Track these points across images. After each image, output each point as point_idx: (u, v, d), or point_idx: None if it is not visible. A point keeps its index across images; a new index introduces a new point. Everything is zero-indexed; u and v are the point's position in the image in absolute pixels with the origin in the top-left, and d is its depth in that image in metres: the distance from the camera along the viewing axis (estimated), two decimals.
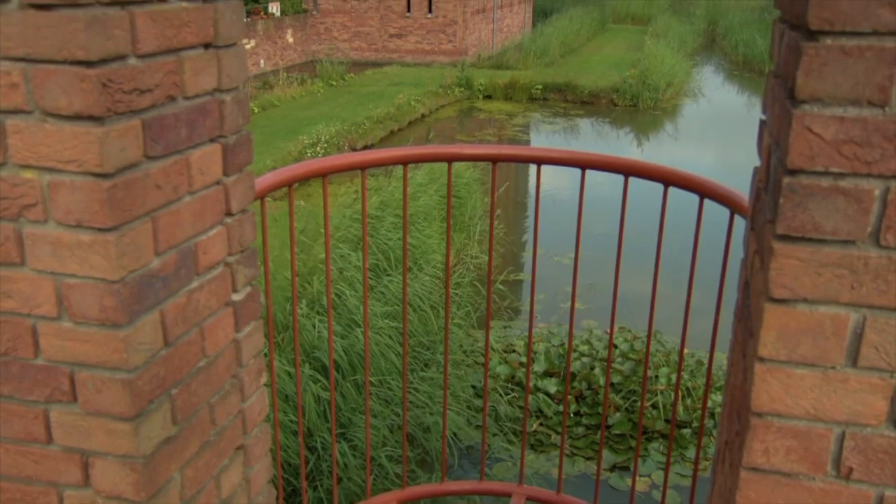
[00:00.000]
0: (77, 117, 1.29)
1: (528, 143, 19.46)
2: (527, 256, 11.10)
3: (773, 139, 1.17)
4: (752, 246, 1.33)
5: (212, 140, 1.60)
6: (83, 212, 1.34)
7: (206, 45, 1.55)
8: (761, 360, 1.13)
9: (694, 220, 2.09)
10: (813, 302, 1.09)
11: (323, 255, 7.79)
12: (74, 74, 1.26)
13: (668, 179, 2.06)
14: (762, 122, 1.34)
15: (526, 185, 15.09)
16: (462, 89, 23.24)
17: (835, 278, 1.07)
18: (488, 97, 23.43)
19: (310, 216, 9.34)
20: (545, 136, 19.98)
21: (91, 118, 1.29)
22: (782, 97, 1.11)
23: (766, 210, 1.18)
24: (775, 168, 1.13)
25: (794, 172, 1.05)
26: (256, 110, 19.02)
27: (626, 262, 2.53)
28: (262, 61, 27.45)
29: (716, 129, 21.76)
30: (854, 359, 1.10)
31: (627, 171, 2.12)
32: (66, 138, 1.31)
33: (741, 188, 1.93)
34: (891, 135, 1.00)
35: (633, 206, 2.18)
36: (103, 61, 1.28)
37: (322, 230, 8.59)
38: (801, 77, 1.01)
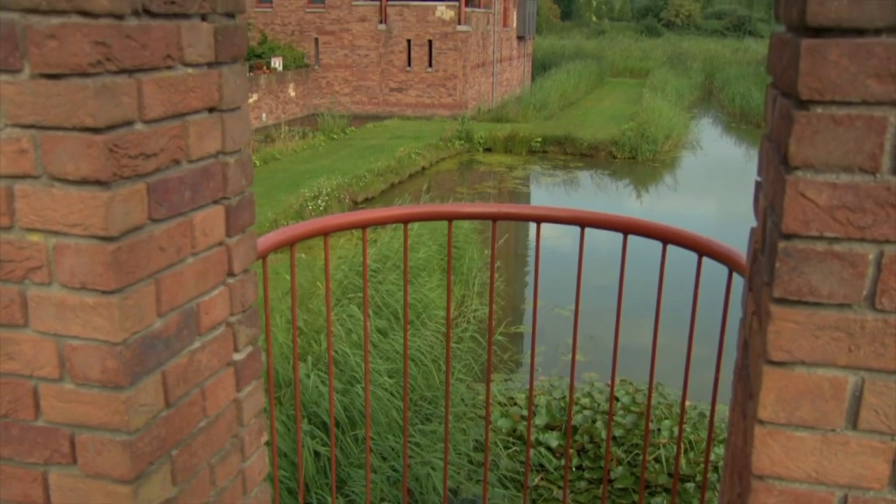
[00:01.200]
0: (84, 182, 1.31)
1: (528, 195, 19.58)
2: (527, 307, 11.09)
3: (769, 202, 1.19)
4: (750, 307, 1.34)
5: (215, 202, 1.62)
6: (87, 274, 1.36)
7: (211, 109, 1.58)
8: (761, 422, 1.13)
9: (693, 274, 2.10)
10: (811, 365, 1.10)
11: (325, 315, 7.78)
12: (82, 141, 1.29)
13: (666, 237, 2.08)
14: (758, 184, 1.36)
15: (526, 237, 15.13)
16: (462, 142, 23.46)
17: (832, 341, 1.08)
18: (488, 150, 23.65)
19: (309, 268, 9.36)
20: (545, 189, 20.12)
21: (97, 183, 1.31)
22: (776, 162, 1.13)
23: (763, 272, 1.20)
24: (771, 231, 1.14)
25: (789, 237, 1.06)
26: (258, 163, 19.19)
27: (627, 313, 2.54)
28: (264, 115, 27.76)
29: (715, 181, 21.90)
30: (854, 421, 1.10)
31: (626, 229, 2.14)
32: (72, 202, 1.33)
33: (741, 240, 1.95)
34: (882, 201, 1.02)
35: (633, 257, 2.20)
36: (110, 127, 1.31)
37: (322, 284, 8.60)
38: (793, 144, 1.03)
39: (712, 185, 21.55)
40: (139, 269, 1.41)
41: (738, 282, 1.98)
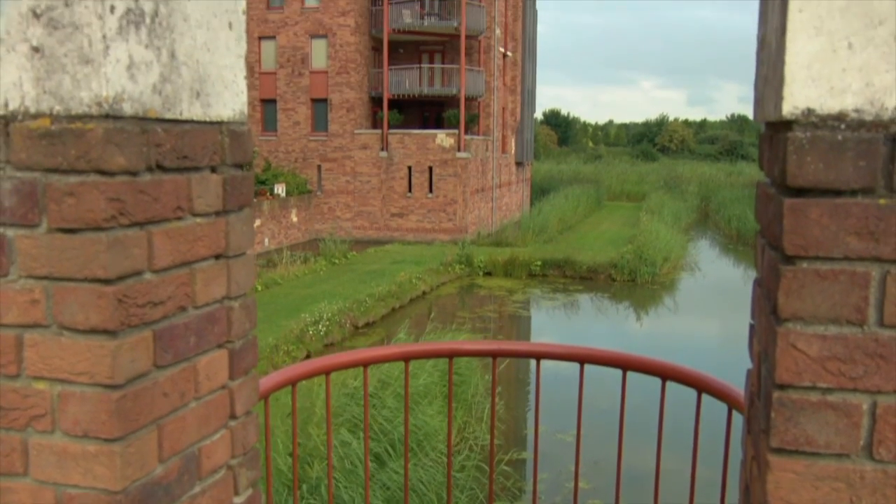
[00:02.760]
0: (92, 331, 1.34)
1: (528, 319, 19.58)
2: (529, 433, 10.92)
3: (762, 348, 1.22)
4: (749, 450, 1.35)
5: (219, 346, 1.64)
6: (90, 422, 1.37)
7: (218, 256, 1.63)
8: None
9: (693, 407, 2.10)
10: None
11: (322, 440, 7.67)
12: (93, 291, 1.33)
13: (665, 374, 2.09)
14: (752, 327, 1.39)
15: (527, 361, 15.05)
16: (462, 266, 23.68)
17: (833, 492, 1.09)
18: (488, 274, 23.83)
19: (306, 392, 9.27)
20: (545, 312, 20.15)
21: (105, 332, 1.34)
22: (767, 310, 1.17)
23: (759, 418, 1.21)
24: (765, 379, 1.16)
25: (783, 387, 1.09)
26: (260, 288, 19.29)
27: (631, 437, 2.52)
28: (266, 240, 28.13)
29: (714, 303, 21.97)
30: None
31: (625, 365, 2.15)
32: (79, 351, 1.35)
33: (742, 364, 1.96)
34: (871, 352, 1.05)
35: (633, 383, 2.21)
36: (121, 278, 1.35)
37: (316, 407, 8.50)
38: (781, 297, 1.07)
39: (712, 306, 21.61)
40: (142, 416, 1.42)
41: (739, 418, 1.97)
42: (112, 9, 1.29)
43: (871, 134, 1.02)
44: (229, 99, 1.63)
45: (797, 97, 1.04)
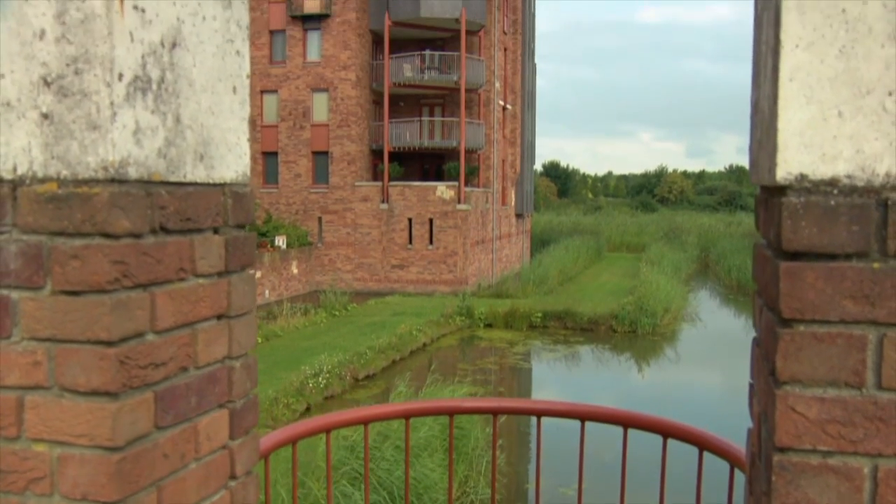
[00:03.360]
0: (93, 393, 1.35)
1: (529, 370, 19.48)
2: (531, 487, 10.79)
3: (762, 409, 1.22)
4: None
5: (220, 406, 1.64)
6: (89, 485, 1.36)
7: (220, 317, 1.64)
8: None
9: (695, 464, 2.09)
10: None
11: (322, 494, 7.58)
12: (95, 353, 1.33)
13: (666, 432, 2.08)
14: (751, 386, 1.39)
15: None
16: (463, 318, 23.62)
17: None
18: (489, 325, 23.76)
19: (309, 446, 9.18)
20: (546, 364, 20.05)
21: (107, 394, 1.34)
22: (765, 372, 1.17)
23: (761, 480, 1.21)
24: (766, 441, 1.16)
25: (783, 450, 1.09)
26: (260, 340, 19.23)
27: (632, 491, 2.49)
28: (266, 292, 28.13)
29: (716, 353, 21.88)
30: None
31: (626, 422, 2.15)
32: (80, 413, 1.35)
33: (744, 418, 1.95)
34: (871, 415, 1.05)
35: (635, 435, 2.19)
36: (123, 340, 1.35)
37: (313, 458, 8.42)
38: (779, 360, 1.08)
39: (714, 357, 21.51)
40: (142, 478, 1.42)
41: (741, 476, 1.96)
42: (120, 76, 1.32)
43: (863, 199, 1.04)
44: (232, 161, 1.66)
45: (790, 163, 1.06)
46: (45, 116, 1.33)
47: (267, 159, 33.70)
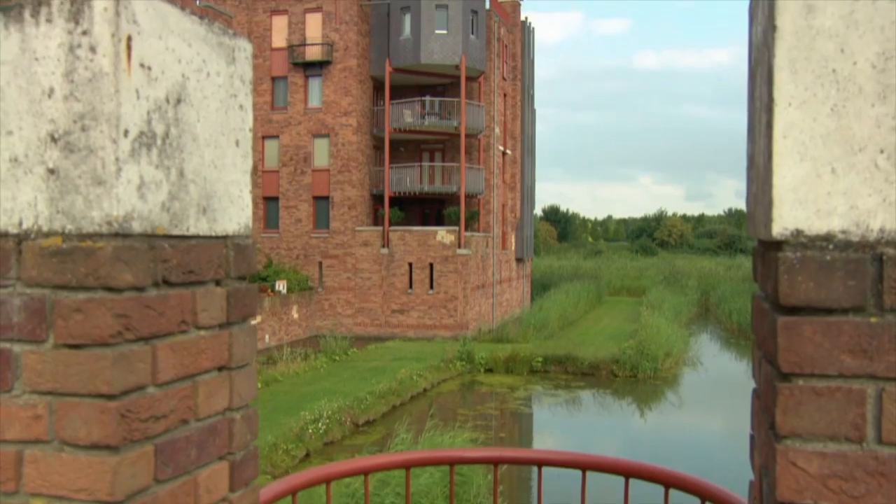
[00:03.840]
0: (93, 447, 1.34)
1: (530, 416, 19.33)
2: None
3: (763, 462, 1.22)
4: None
5: (220, 458, 1.64)
6: None
7: (220, 368, 1.64)
8: None
9: None
10: None
11: None
12: (96, 407, 1.34)
13: (668, 482, 2.07)
14: (752, 438, 1.39)
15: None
16: (464, 363, 23.52)
17: None
18: (490, 370, 23.65)
19: (308, 494, 9.08)
20: (547, 409, 19.91)
21: (107, 447, 1.34)
22: (766, 425, 1.17)
23: None
24: (767, 495, 1.16)
25: None
26: (260, 386, 19.13)
27: None
28: (267, 337, 28.04)
29: (718, 398, 21.73)
30: None
31: (627, 473, 2.13)
32: (80, 467, 1.35)
33: (747, 465, 1.94)
34: (872, 470, 1.05)
35: (637, 484, 2.18)
36: (124, 393, 1.36)
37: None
38: (779, 415, 1.08)
39: (716, 402, 21.37)
40: None
41: None
42: (126, 132, 1.34)
43: (858, 254, 1.05)
44: (235, 213, 1.68)
45: (786, 218, 1.08)
46: (52, 172, 1.35)
47: (268, 204, 33.86)
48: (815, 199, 1.07)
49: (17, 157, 1.37)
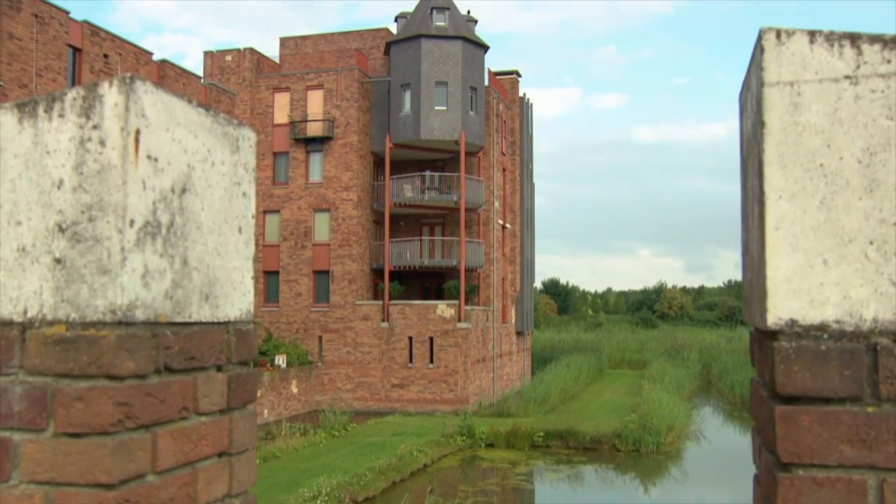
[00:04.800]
0: None
1: (532, 492, 18.99)
2: None
3: None
4: None
5: None
6: None
7: (220, 454, 1.63)
8: None
9: None
10: None
11: None
12: (94, 497, 1.33)
13: None
14: None
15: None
16: (464, 438, 23.21)
17: None
18: (490, 445, 23.32)
19: None
20: (549, 485, 19.57)
21: None
22: None
23: None
24: None
25: None
26: (258, 462, 18.82)
27: None
28: (266, 411, 27.74)
29: (722, 472, 21.39)
30: None
31: None
32: None
33: None
34: None
35: None
36: (123, 482, 1.35)
37: None
38: None
39: (720, 476, 21.01)
40: None
41: None
42: (132, 223, 1.37)
43: (852, 344, 1.07)
44: (237, 299, 1.69)
45: (780, 309, 1.10)
46: (58, 261, 1.38)
47: (268, 278, 33.90)
48: (808, 290, 1.09)
49: (24, 246, 1.40)
